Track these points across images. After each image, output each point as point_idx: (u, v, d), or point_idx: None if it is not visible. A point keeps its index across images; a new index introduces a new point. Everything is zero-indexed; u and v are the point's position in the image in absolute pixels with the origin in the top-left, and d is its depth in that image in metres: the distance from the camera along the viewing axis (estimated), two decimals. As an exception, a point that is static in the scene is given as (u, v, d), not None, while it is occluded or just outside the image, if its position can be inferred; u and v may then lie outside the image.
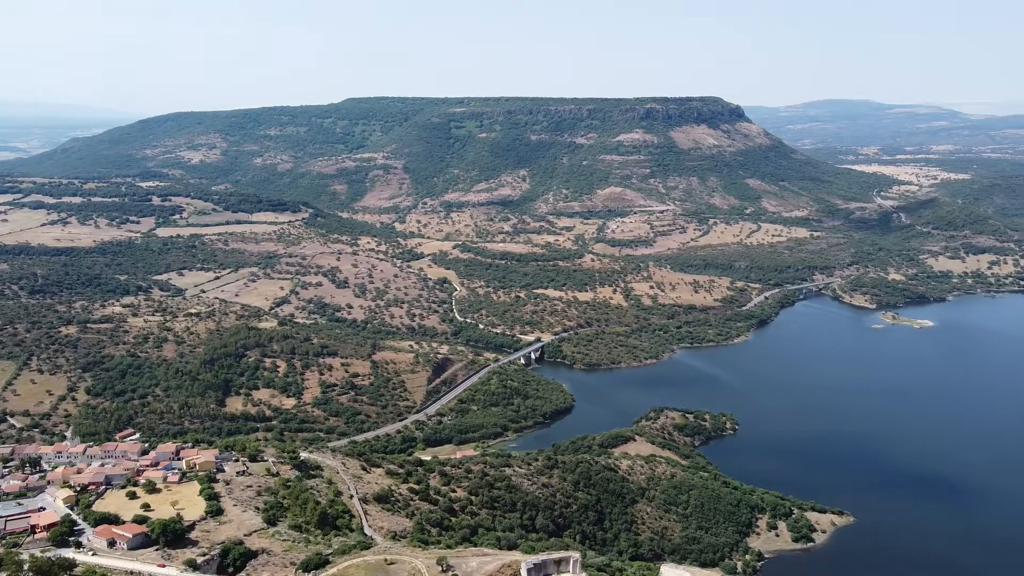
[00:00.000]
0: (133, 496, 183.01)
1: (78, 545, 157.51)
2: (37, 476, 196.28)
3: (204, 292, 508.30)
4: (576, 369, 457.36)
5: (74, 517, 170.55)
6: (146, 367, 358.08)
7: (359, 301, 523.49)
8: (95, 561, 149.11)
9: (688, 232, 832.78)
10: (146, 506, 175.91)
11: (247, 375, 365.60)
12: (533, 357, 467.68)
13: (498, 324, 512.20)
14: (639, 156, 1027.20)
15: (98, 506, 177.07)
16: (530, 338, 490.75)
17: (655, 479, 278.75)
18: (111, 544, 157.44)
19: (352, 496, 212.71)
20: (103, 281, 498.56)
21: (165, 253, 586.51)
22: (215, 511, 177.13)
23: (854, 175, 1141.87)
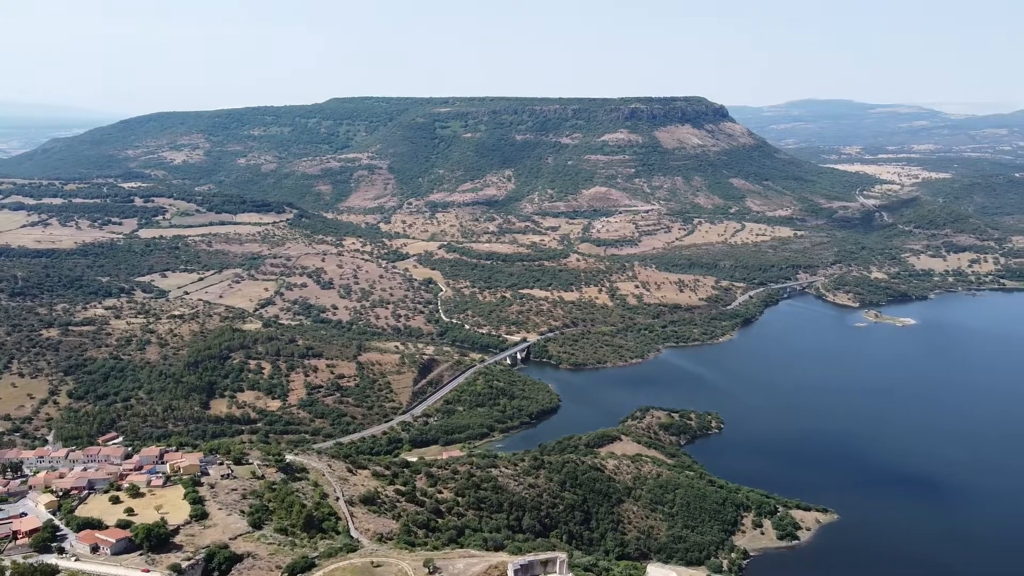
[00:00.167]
0: (116, 501, 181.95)
1: (61, 551, 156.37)
2: (18, 481, 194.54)
3: (188, 294, 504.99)
4: (562, 369, 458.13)
5: (56, 522, 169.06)
6: (129, 370, 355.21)
7: (344, 302, 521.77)
8: (78, 567, 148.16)
9: (673, 232, 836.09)
10: (130, 510, 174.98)
11: (232, 377, 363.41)
12: (519, 357, 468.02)
13: (484, 324, 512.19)
14: (624, 156, 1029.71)
15: (81, 511, 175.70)
16: (516, 338, 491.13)
17: (641, 478, 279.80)
18: (94, 549, 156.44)
19: (338, 498, 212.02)
20: (85, 283, 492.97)
21: (148, 254, 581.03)
22: (200, 515, 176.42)
23: (837, 174, 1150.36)
